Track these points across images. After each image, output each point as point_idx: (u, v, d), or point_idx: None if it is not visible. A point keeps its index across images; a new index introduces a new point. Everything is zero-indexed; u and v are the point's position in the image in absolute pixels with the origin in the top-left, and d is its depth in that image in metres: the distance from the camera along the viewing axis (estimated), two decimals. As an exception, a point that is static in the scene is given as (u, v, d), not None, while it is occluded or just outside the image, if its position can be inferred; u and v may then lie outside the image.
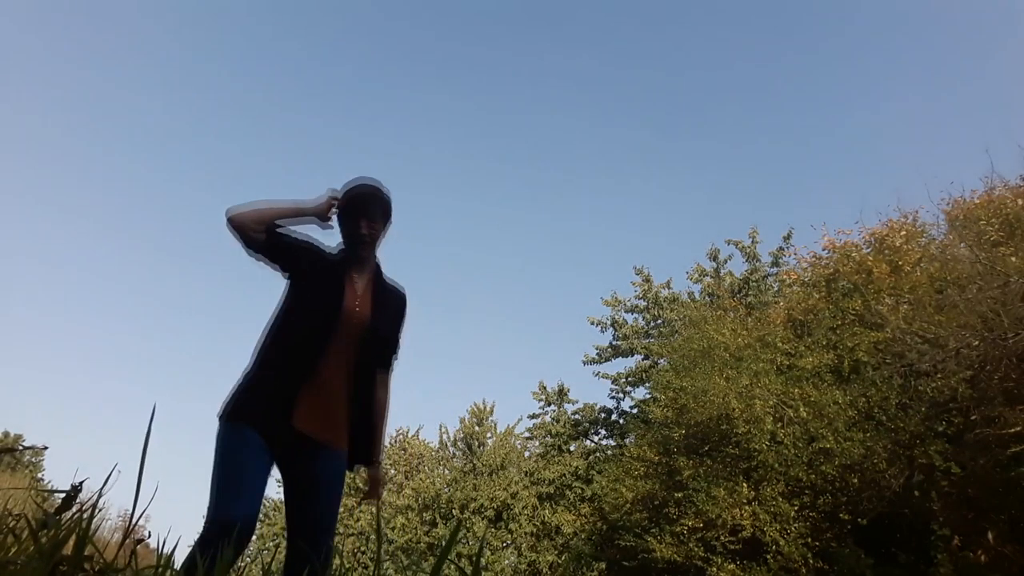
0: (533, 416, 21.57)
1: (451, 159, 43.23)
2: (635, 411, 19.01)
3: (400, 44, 47.00)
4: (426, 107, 44.57)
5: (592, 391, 50.78)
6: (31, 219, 46.35)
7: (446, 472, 21.53)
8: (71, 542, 1.27)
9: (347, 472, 2.35)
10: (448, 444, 22.82)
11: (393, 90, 45.08)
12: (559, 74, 43.80)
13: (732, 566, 11.57)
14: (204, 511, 2.06)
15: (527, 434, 21.85)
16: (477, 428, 22.24)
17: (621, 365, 20.18)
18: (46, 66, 46.71)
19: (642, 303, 19.86)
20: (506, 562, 19.01)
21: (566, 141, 42.17)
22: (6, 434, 33.16)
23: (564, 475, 19.78)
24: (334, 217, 2.41)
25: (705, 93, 41.17)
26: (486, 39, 46.99)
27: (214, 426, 2.29)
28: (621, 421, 20.03)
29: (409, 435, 24.50)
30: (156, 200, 46.46)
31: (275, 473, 2.28)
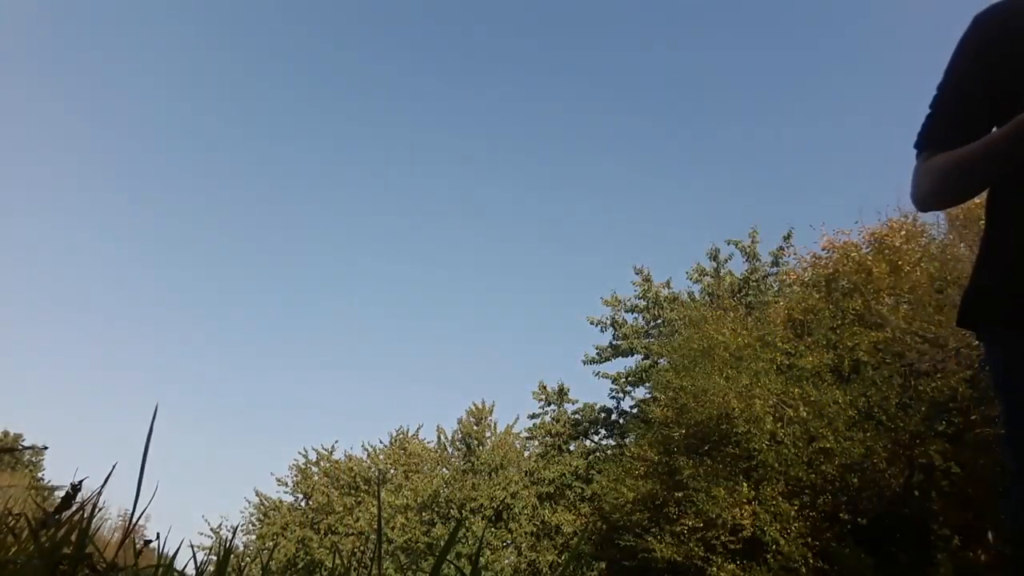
0: (533, 416, 21.59)
1: (451, 156, 43.23)
2: (635, 411, 19.01)
3: (399, 30, 46.95)
4: (427, 100, 44.56)
5: (592, 391, 50.79)
6: (30, 218, 46.34)
7: (445, 472, 21.53)
8: (72, 541, 1.26)
9: None
10: (447, 444, 22.83)
11: (392, 80, 45.05)
12: (561, 75, 43.81)
13: (732, 566, 11.57)
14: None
15: (526, 434, 21.87)
16: (475, 427, 22.25)
17: (621, 365, 20.20)
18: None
19: (642, 303, 19.86)
20: (506, 561, 19.01)
21: (566, 140, 42.20)
22: (6, 434, 33.18)
23: (564, 475, 19.79)
24: None
25: (705, 92, 41.16)
26: (485, 29, 46.99)
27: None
28: (621, 421, 20.04)
29: (408, 435, 24.51)
30: (156, 198, 46.44)
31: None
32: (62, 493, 1.43)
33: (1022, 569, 1.20)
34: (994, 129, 1.43)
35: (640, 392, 19.48)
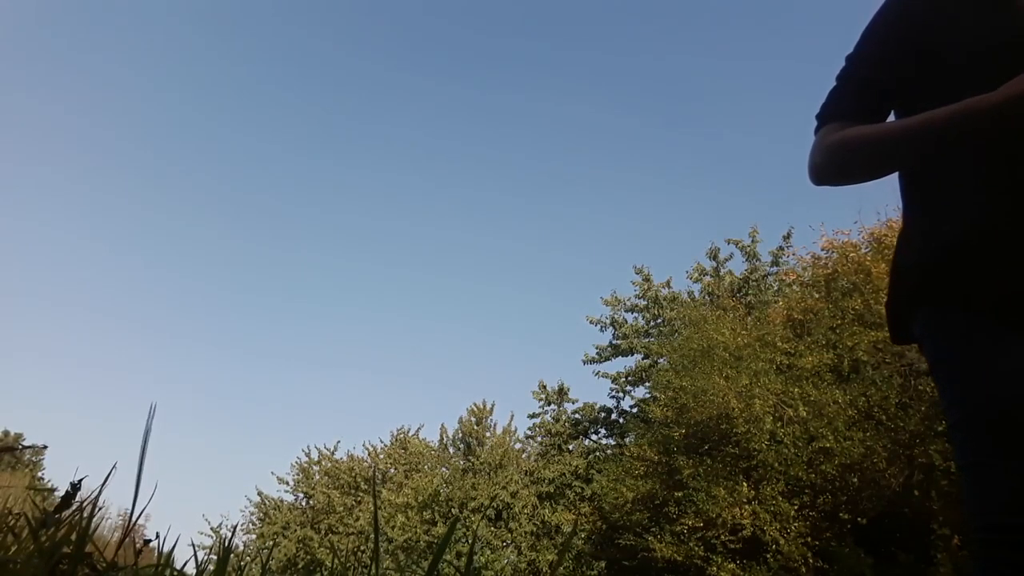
0: (533, 415, 21.60)
1: (451, 157, 43.22)
2: (635, 410, 19.01)
3: (399, 31, 46.95)
4: (426, 100, 44.55)
5: (592, 390, 50.85)
6: (30, 218, 46.34)
7: (445, 471, 21.54)
8: (71, 541, 1.26)
9: None
10: (448, 444, 22.84)
11: (392, 81, 45.04)
12: (561, 74, 43.79)
13: (732, 565, 11.58)
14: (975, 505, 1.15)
15: (527, 432, 21.89)
16: (476, 427, 22.27)
17: (621, 364, 20.20)
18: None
19: (642, 302, 19.86)
20: (506, 561, 19.01)
21: (566, 140, 42.18)
22: (6, 433, 33.20)
23: (564, 474, 19.79)
24: None
25: (706, 92, 41.17)
26: (485, 27, 46.98)
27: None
28: (621, 420, 20.03)
29: (409, 434, 24.52)
30: (157, 198, 46.46)
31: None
32: (62, 493, 1.43)
33: (988, 567, 1.15)
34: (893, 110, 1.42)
35: (640, 392, 19.49)
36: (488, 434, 22.21)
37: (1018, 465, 1.12)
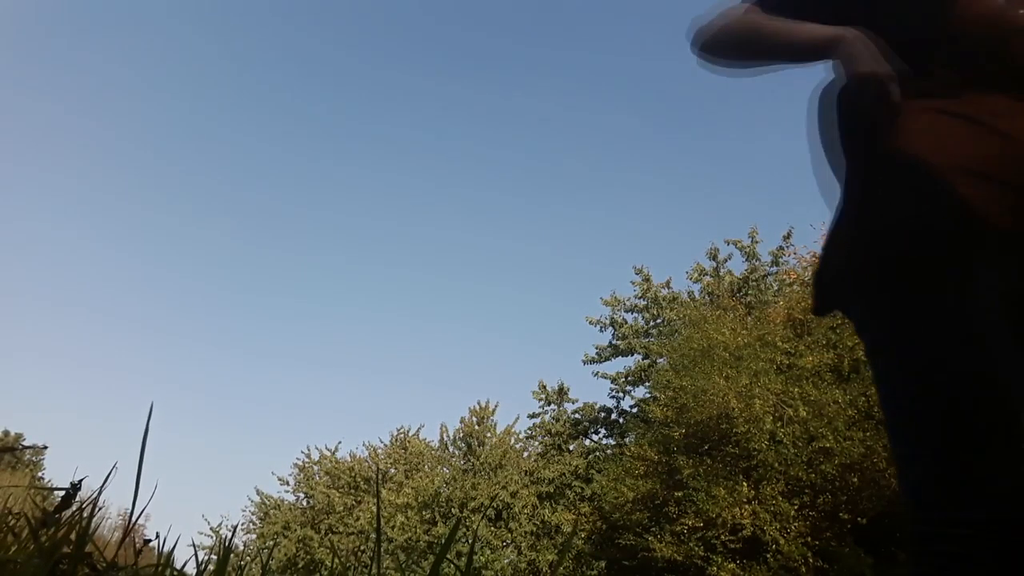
0: (533, 415, 21.61)
1: (452, 157, 43.22)
2: (635, 410, 19.02)
3: (398, 31, 46.95)
4: (425, 100, 44.55)
5: (592, 390, 50.81)
6: (30, 218, 46.36)
7: (446, 471, 21.54)
8: (71, 540, 1.27)
9: None
10: (448, 443, 22.85)
11: (391, 81, 45.06)
12: (561, 74, 43.81)
13: (732, 565, 11.58)
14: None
15: (527, 433, 21.89)
16: (477, 427, 22.27)
17: (621, 364, 20.20)
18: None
19: (642, 302, 19.86)
20: (506, 561, 19.02)
21: (565, 139, 42.18)
22: (6, 433, 33.20)
23: (564, 474, 19.80)
24: None
25: (705, 91, 41.16)
26: (485, 27, 46.99)
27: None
28: (621, 420, 20.04)
29: (410, 434, 24.52)
30: (156, 197, 46.48)
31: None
32: (62, 493, 1.43)
33: (922, 559, 1.13)
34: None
35: (640, 392, 19.49)
36: (489, 434, 22.22)
37: (959, 457, 1.08)
